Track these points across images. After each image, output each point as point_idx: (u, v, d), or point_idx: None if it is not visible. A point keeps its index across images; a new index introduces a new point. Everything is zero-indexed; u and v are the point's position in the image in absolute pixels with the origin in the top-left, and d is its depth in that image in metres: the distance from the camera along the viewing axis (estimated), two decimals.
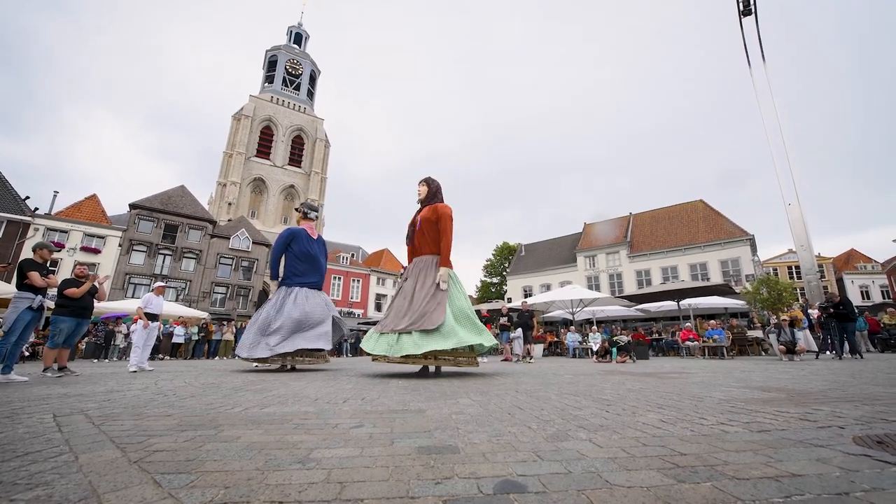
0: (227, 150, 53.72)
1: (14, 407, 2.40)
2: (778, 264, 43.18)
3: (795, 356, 8.82)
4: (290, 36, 65.53)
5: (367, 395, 2.89)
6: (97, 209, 29.61)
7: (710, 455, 1.29)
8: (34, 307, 4.81)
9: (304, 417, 2.01)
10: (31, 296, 4.79)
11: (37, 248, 5.12)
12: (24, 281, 4.78)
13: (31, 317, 4.83)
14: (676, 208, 35.66)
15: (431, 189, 5.11)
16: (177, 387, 3.58)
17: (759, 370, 5.62)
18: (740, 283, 26.51)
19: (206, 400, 2.66)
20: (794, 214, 15.35)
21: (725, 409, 2.23)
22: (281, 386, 3.61)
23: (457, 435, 1.60)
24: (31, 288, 4.80)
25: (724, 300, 17.00)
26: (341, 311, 36.48)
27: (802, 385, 3.46)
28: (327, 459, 1.26)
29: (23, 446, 1.44)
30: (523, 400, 2.66)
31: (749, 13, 17.31)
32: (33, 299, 4.80)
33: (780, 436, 1.55)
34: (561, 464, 1.21)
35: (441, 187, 5.21)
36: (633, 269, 33.15)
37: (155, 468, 1.17)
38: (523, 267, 41.21)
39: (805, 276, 15.48)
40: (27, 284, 4.78)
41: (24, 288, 4.79)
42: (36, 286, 4.81)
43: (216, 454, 1.31)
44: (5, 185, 26.80)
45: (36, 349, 13.67)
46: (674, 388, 3.40)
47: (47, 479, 1.08)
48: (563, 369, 6.61)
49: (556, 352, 17.21)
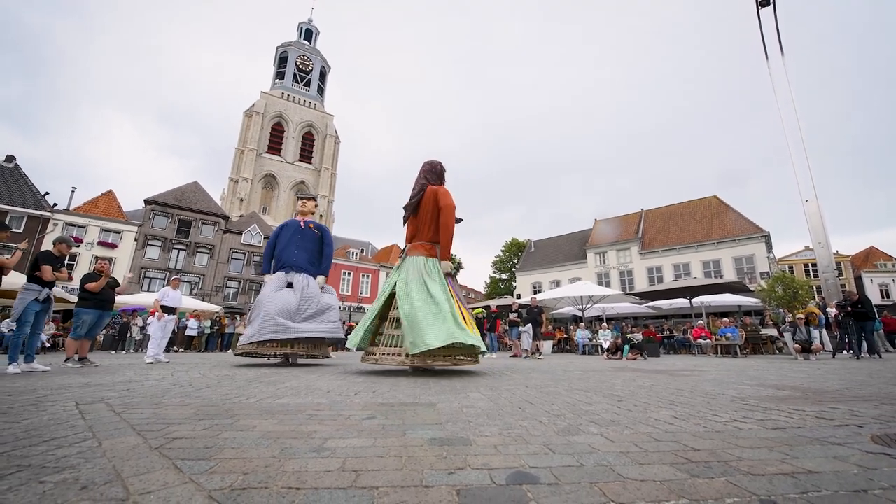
0: (238, 146, 54.28)
1: (38, 395, 2.48)
2: (794, 262, 42.28)
3: (811, 355, 8.65)
4: (301, 32, 65.74)
5: (378, 389, 2.92)
6: (113, 205, 30.23)
7: (724, 451, 1.28)
8: (40, 299, 4.88)
9: (317, 409, 2.04)
10: (38, 288, 4.86)
11: (57, 241, 5.24)
12: (34, 272, 4.87)
13: (40, 308, 4.90)
14: (689, 204, 35.09)
15: (437, 169, 5.13)
16: (192, 378, 3.66)
17: (773, 369, 5.54)
18: (755, 281, 26.04)
19: (222, 391, 2.72)
20: (812, 210, 15.00)
21: (739, 406, 2.20)
22: (293, 378, 3.66)
23: (468, 427, 1.62)
24: (39, 280, 4.88)
25: (737, 298, 16.72)
26: (351, 306, 36.87)
27: (818, 384, 3.40)
28: (342, 449, 1.28)
29: (48, 432, 1.49)
30: (533, 395, 2.66)
31: (767, 4, 16.87)
32: (40, 291, 4.86)
33: (796, 433, 1.53)
34: (573, 457, 1.21)
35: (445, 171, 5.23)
36: (644, 266, 32.76)
37: (175, 454, 1.20)
38: (532, 263, 41.02)
39: (822, 273, 15.14)
40: (37, 276, 4.87)
41: (33, 279, 4.88)
42: (45, 279, 4.89)
43: (233, 442, 1.35)
44: (26, 182, 27.51)
45: (57, 340, 14.06)
46: (686, 385, 3.37)
47: (73, 462, 1.12)
48: (572, 366, 6.59)
49: (566, 349, 17.14)
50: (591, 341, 15.15)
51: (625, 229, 36.40)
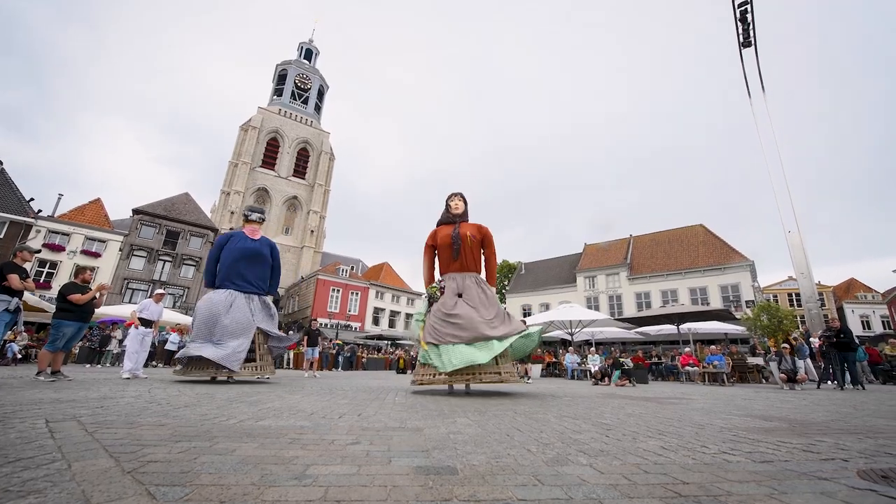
0: (232, 159, 54.31)
1: (6, 411, 2.37)
2: (778, 291, 43.10)
3: (796, 385, 8.72)
4: (301, 51, 67.06)
5: (364, 412, 2.85)
6: (100, 213, 29.74)
7: (713, 485, 1.27)
8: (10, 309, 4.85)
9: (300, 432, 1.98)
10: (7, 298, 4.84)
11: (17, 251, 5.18)
12: (2, 283, 4.82)
13: (9, 318, 4.88)
14: (676, 232, 35.82)
15: (466, 205, 5.34)
16: (170, 395, 3.54)
17: (760, 398, 5.55)
18: (740, 309, 26.41)
19: (200, 410, 2.63)
20: (795, 242, 15.42)
21: (727, 437, 2.19)
22: (276, 399, 3.56)
23: (455, 456, 1.58)
24: (8, 290, 4.84)
25: (724, 325, 16.91)
26: (338, 323, 36.28)
27: (804, 415, 3.42)
28: (324, 476, 1.24)
29: (14, 452, 1.41)
30: (522, 422, 2.62)
31: (749, 45, 17.76)
32: (9, 302, 4.84)
33: (784, 467, 1.53)
34: (562, 489, 1.19)
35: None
36: (632, 291, 33.09)
37: (149, 479, 1.15)
38: (522, 285, 41.13)
39: (805, 303, 15.44)
40: (5, 286, 4.82)
41: (2, 290, 4.83)
42: (14, 288, 4.85)
43: (211, 467, 1.29)
44: (11, 187, 26.99)
45: (30, 351, 13.53)
46: (674, 413, 3.36)
47: (39, 486, 1.06)
48: (561, 391, 6.53)
49: (555, 373, 17.01)
50: (579, 366, 15.08)
51: (614, 254, 36.87)
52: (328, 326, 34.82)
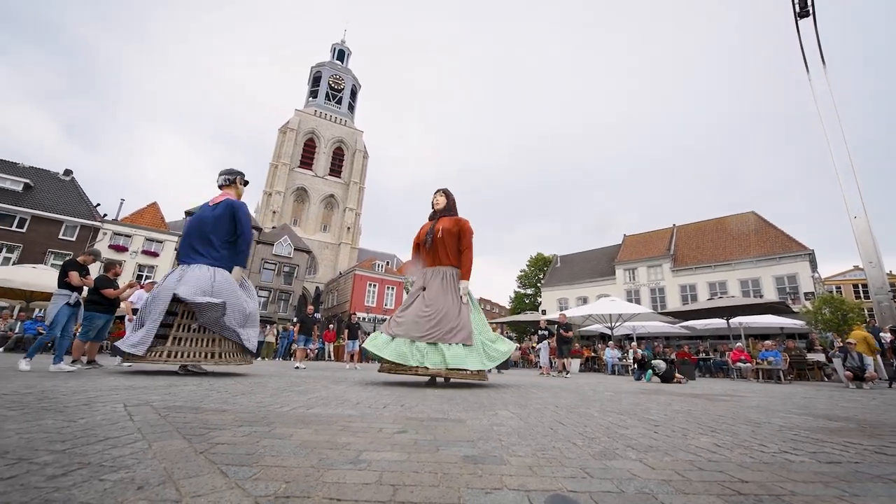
0: (273, 161, 56.69)
1: (89, 395, 2.63)
2: (841, 282, 39.73)
3: (864, 384, 8.04)
4: (334, 53, 68.61)
5: (406, 402, 2.93)
6: (157, 216, 32.06)
7: (776, 484, 1.21)
8: (71, 303, 5.36)
9: (349, 420, 2.07)
10: (68, 293, 5.35)
11: (84, 253, 5.82)
12: (64, 279, 5.36)
13: (70, 312, 5.39)
14: (724, 220, 33.73)
15: (450, 200, 5.24)
16: (227, 384, 3.79)
17: (822, 397, 5.18)
18: (798, 302, 24.58)
19: (256, 398, 2.80)
20: (861, 228, 14.10)
21: (787, 436, 2.08)
22: (322, 389, 3.72)
23: (500, 446, 1.60)
24: (69, 286, 5.37)
25: (779, 319, 15.83)
26: (376, 317, 37.18)
27: (875, 415, 3.16)
28: (377, 462, 1.30)
29: (102, 431, 1.58)
30: (564, 415, 2.60)
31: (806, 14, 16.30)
32: (70, 296, 5.35)
33: (854, 468, 1.43)
34: (612, 482, 1.18)
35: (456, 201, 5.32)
36: (676, 284, 31.57)
37: (220, 459, 1.25)
38: (558, 279, 40.30)
39: (874, 295, 14.11)
40: (66, 282, 5.35)
41: (64, 286, 5.36)
42: (73, 284, 5.37)
43: (273, 450, 1.39)
44: (81, 195, 29.61)
45: None
46: (726, 411, 3.20)
47: (128, 463, 1.18)
48: (601, 386, 6.39)
49: (594, 367, 16.63)
50: (620, 361, 14.65)
51: (656, 245, 35.30)
52: (366, 320, 35.78)
